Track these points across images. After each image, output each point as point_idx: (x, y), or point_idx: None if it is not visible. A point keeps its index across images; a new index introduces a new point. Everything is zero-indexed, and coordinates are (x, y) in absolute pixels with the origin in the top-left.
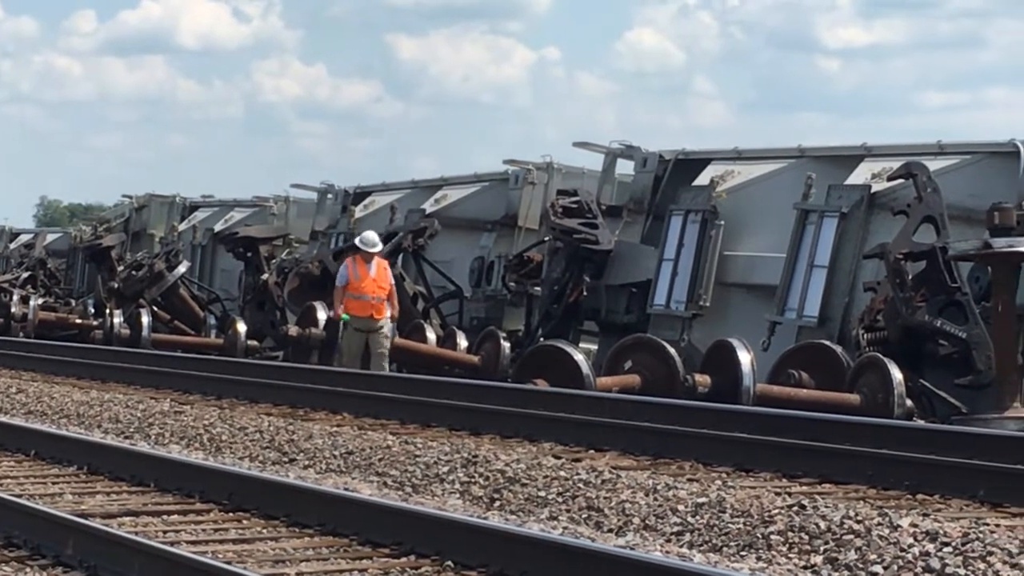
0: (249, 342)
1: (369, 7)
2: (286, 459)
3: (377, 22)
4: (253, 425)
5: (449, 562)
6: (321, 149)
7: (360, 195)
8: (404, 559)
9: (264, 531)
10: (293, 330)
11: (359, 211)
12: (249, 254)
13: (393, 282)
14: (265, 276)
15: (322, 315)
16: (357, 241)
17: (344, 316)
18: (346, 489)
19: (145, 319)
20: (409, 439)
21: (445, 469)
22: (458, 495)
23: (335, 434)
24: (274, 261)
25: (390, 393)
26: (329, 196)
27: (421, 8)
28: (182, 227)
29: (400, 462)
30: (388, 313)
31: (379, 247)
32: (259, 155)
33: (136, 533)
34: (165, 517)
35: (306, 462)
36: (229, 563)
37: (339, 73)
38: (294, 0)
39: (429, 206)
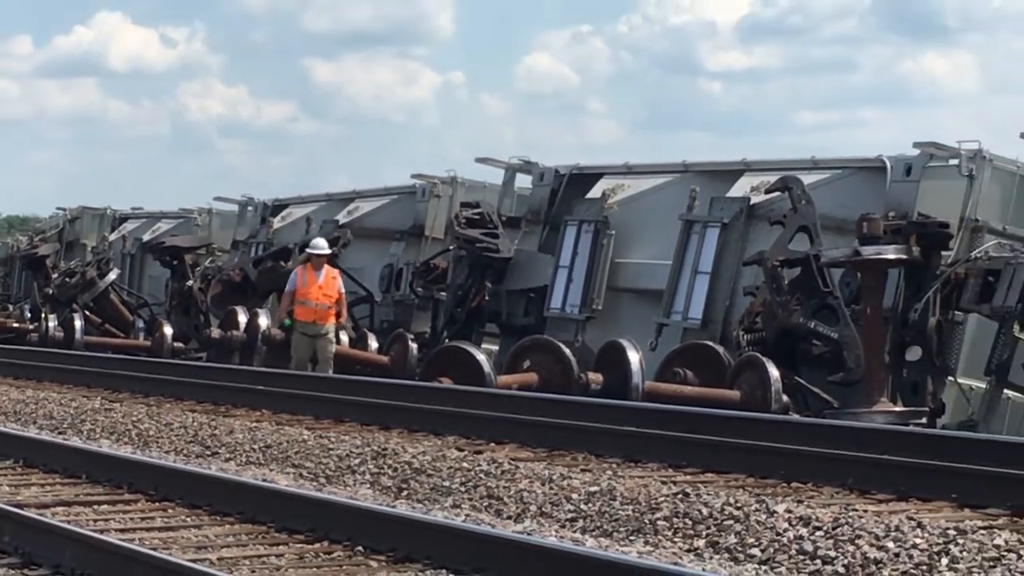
0: (175, 344)
1: (286, 33)
2: (209, 452)
3: (294, 47)
4: (178, 421)
5: (360, 547)
6: (242, 165)
7: (278, 207)
8: (318, 544)
9: (188, 519)
10: (216, 333)
11: (277, 222)
12: (175, 262)
13: (343, 291)
14: (190, 283)
15: (243, 319)
16: (309, 246)
17: (286, 321)
18: (264, 480)
19: (78, 323)
20: (323, 433)
21: (356, 461)
22: (368, 485)
23: (254, 429)
24: (198, 269)
25: (306, 391)
26: (249, 208)
27: (335, 34)
28: (112, 237)
29: (315, 455)
30: (333, 320)
31: (326, 251)
32: (185, 170)
33: (68, 521)
34: (96, 507)
35: (227, 455)
36: (155, 549)
37: (259, 94)
38: (217, 27)
39: (342, 217)
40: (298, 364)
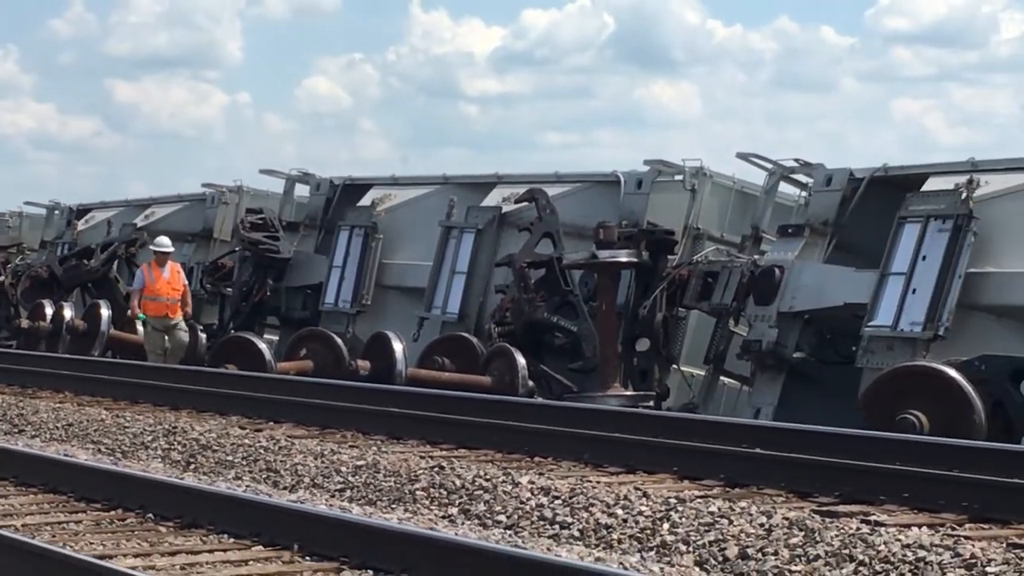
0: None
1: (91, 56)
2: (16, 430)
3: (98, 69)
4: None
5: (151, 514)
6: (51, 174)
7: (82, 211)
8: (113, 512)
9: None
10: (25, 323)
11: (81, 225)
12: None
13: (187, 283)
14: (1, 278)
15: (49, 311)
16: (153, 244)
17: (140, 316)
18: (66, 455)
19: None
20: (120, 413)
21: (149, 438)
22: (160, 459)
23: (58, 409)
24: (9, 265)
25: (105, 375)
26: (56, 212)
27: (134, 58)
28: None
29: (112, 432)
30: (181, 312)
31: (171, 249)
32: None
33: None
34: None
35: (33, 432)
36: None
37: (66, 111)
38: (28, 49)
39: (140, 221)
40: (154, 357)
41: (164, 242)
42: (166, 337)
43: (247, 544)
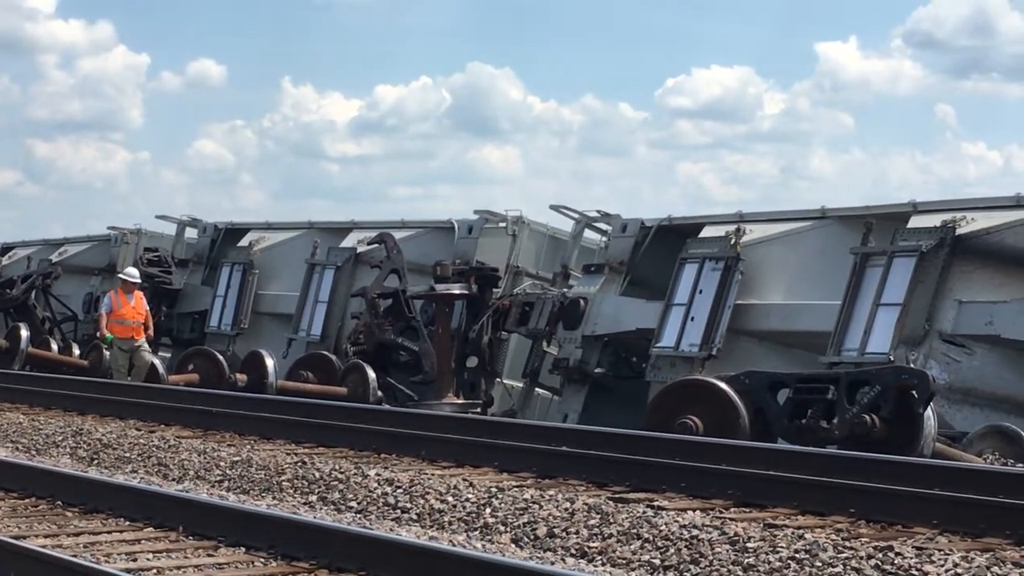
0: None
1: (14, 119)
2: None
3: (20, 130)
4: None
5: (59, 502)
6: None
7: (6, 249)
8: (27, 500)
9: None
10: None
11: (5, 260)
12: None
13: (148, 310)
14: None
15: None
16: (122, 274)
17: (108, 336)
18: None
19: None
20: (35, 417)
21: (60, 438)
22: (68, 456)
23: None
24: None
25: (23, 386)
26: None
27: (51, 121)
28: None
29: (28, 433)
30: (143, 334)
31: (139, 280)
32: None
33: None
34: None
35: None
36: None
37: None
38: None
39: (55, 257)
40: (119, 374)
41: (133, 273)
42: (131, 357)
43: (140, 526)
